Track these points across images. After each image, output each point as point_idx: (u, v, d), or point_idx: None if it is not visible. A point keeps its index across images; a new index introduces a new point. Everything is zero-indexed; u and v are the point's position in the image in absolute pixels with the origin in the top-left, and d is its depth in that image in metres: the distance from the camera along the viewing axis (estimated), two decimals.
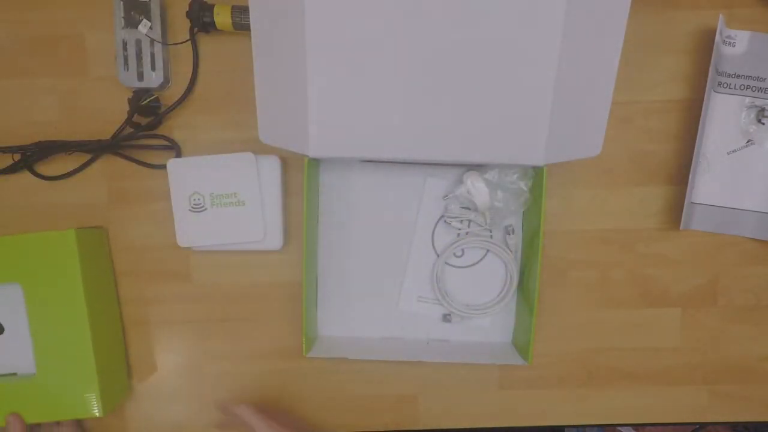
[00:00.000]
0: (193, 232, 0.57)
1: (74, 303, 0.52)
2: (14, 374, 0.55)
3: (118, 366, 0.59)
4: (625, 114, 0.58)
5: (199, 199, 0.56)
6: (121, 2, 0.55)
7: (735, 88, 0.57)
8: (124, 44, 0.56)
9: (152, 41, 0.55)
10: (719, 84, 0.57)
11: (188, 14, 0.54)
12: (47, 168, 0.59)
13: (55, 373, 0.53)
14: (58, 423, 0.58)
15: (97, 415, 0.53)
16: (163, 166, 0.57)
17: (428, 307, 0.60)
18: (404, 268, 0.60)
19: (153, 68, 0.56)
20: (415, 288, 0.60)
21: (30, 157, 0.57)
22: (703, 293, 0.60)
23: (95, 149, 0.58)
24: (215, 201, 0.56)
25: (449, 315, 0.60)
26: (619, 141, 0.58)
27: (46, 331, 0.53)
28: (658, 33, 0.57)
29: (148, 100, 0.56)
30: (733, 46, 0.56)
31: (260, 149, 0.53)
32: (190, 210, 0.56)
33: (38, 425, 0.57)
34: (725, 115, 0.57)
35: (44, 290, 0.53)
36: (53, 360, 0.53)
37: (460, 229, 0.59)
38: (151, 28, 0.55)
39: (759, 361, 0.61)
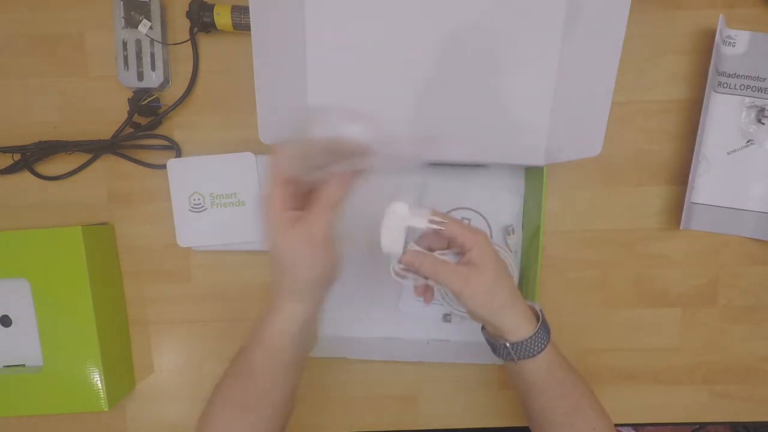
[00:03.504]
0: (193, 232, 0.57)
1: (80, 298, 0.53)
2: (22, 365, 0.56)
3: (124, 360, 0.60)
4: (625, 114, 0.58)
5: (199, 199, 0.56)
6: (121, 2, 0.55)
7: (735, 88, 0.57)
8: (124, 44, 0.55)
9: (152, 41, 0.55)
10: (719, 84, 0.57)
11: (188, 14, 0.54)
12: (47, 168, 0.59)
13: (62, 366, 0.54)
14: None
15: (104, 408, 0.54)
16: (163, 166, 0.57)
17: (428, 307, 0.60)
18: None
19: (153, 68, 0.56)
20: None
21: (30, 157, 0.57)
22: (703, 293, 0.60)
23: (95, 149, 0.58)
24: (215, 201, 0.56)
25: (449, 315, 0.60)
26: (619, 141, 0.58)
27: (53, 325, 0.53)
28: (658, 33, 0.57)
29: (148, 100, 0.56)
30: (733, 46, 0.56)
31: (260, 149, 0.53)
32: (190, 210, 0.56)
33: None
34: (725, 115, 0.57)
35: (51, 285, 0.53)
36: (60, 353, 0.54)
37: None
38: (151, 28, 0.55)
39: (759, 361, 0.61)
